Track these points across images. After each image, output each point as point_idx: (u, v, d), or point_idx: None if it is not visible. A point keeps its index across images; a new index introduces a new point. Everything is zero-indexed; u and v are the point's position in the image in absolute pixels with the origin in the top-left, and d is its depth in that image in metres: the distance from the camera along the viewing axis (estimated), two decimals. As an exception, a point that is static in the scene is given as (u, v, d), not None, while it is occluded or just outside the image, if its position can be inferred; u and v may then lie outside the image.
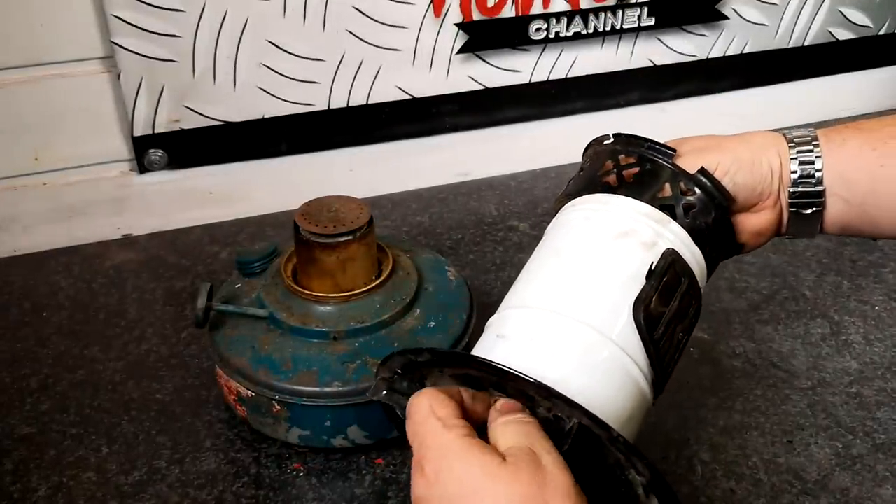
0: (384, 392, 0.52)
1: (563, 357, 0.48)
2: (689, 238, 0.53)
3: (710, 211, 0.53)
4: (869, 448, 0.68)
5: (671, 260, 0.51)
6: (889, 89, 1.25)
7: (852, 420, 0.71)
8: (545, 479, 0.44)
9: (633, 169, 0.56)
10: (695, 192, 0.53)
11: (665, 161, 0.55)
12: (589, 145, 0.61)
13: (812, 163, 0.53)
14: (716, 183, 0.54)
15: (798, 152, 0.53)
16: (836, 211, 0.54)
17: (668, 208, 0.53)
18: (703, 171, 0.54)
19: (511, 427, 0.47)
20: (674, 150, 0.55)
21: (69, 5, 0.90)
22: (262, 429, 0.67)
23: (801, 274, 0.88)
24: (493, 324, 0.52)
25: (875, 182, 0.52)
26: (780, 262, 0.89)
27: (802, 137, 0.54)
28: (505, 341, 0.50)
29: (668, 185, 0.54)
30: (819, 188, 0.53)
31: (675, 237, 0.52)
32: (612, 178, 0.56)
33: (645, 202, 0.53)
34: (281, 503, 0.63)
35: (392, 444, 0.67)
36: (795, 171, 0.53)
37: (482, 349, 0.51)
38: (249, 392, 0.64)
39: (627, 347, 0.49)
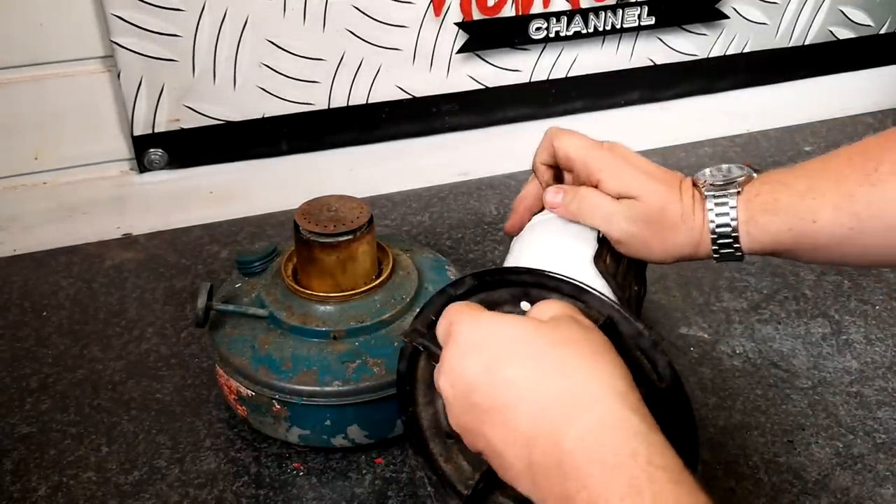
0: (419, 339, 0.53)
1: None
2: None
3: None
4: (869, 448, 0.68)
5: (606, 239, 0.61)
6: (890, 89, 1.25)
7: (853, 420, 0.71)
8: (589, 331, 0.46)
9: None
10: None
11: None
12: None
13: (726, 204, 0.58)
14: None
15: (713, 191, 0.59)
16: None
17: None
18: None
19: (546, 304, 0.49)
20: None
21: (69, 5, 0.90)
22: (262, 428, 0.67)
23: (801, 273, 0.88)
24: None
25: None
26: (781, 262, 0.89)
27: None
28: None
29: None
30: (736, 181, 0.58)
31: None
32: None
33: None
34: (281, 502, 0.63)
35: (392, 443, 0.67)
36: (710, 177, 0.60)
37: None
38: (249, 391, 0.64)
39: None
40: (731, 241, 0.58)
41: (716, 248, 0.59)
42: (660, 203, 0.59)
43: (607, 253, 0.60)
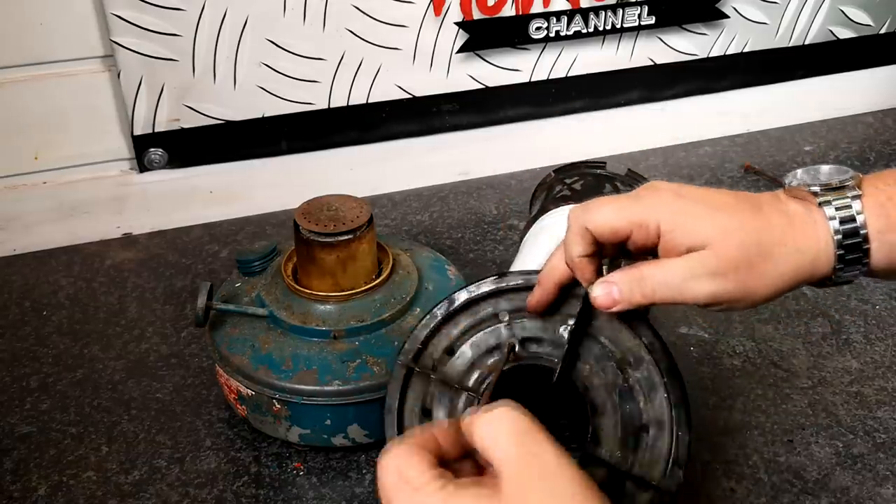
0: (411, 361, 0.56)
1: None
2: None
3: None
4: (869, 447, 0.68)
5: None
6: (890, 88, 1.25)
7: (853, 419, 0.71)
8: (555, 484, 0.40)
9: (579, 183, 0.73)
10: (629, 187, 0.67)
11: (599, 171, 0.72)
12: (537, 187, 0.80)
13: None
14: (642, 177, 0.70)
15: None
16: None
17: None
18: (629, 171, 0.70)
19: (494, 425, 0.42)
20: (604, 163, 0.70)
21: (69, 4, 0.90)
22: (262, 428, 0.67)
23: (801, 273, 0.88)
24: None
25: None
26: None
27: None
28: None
29: (608, 185, 0.71)
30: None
31: None
32: (565, 193, 0.70)
33: None
34: (281, 502, 0.63)
35: (392, 443, 0.67)
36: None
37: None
38: (250, 391, 0.64)
39: None
40: (859, 255, 0.47)
41: (840, 265, 0.47)
42: (739, 239, 0.47)
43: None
